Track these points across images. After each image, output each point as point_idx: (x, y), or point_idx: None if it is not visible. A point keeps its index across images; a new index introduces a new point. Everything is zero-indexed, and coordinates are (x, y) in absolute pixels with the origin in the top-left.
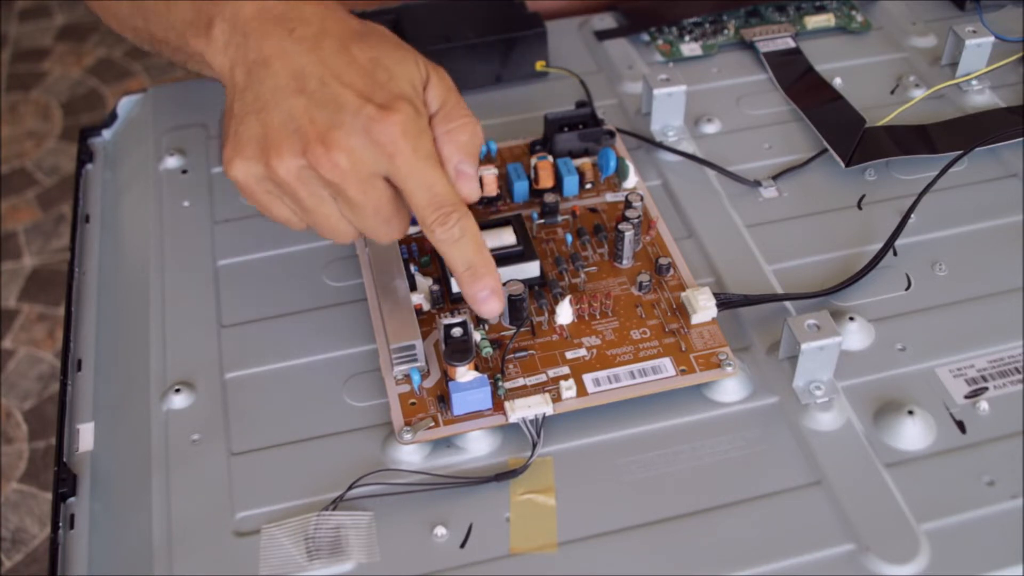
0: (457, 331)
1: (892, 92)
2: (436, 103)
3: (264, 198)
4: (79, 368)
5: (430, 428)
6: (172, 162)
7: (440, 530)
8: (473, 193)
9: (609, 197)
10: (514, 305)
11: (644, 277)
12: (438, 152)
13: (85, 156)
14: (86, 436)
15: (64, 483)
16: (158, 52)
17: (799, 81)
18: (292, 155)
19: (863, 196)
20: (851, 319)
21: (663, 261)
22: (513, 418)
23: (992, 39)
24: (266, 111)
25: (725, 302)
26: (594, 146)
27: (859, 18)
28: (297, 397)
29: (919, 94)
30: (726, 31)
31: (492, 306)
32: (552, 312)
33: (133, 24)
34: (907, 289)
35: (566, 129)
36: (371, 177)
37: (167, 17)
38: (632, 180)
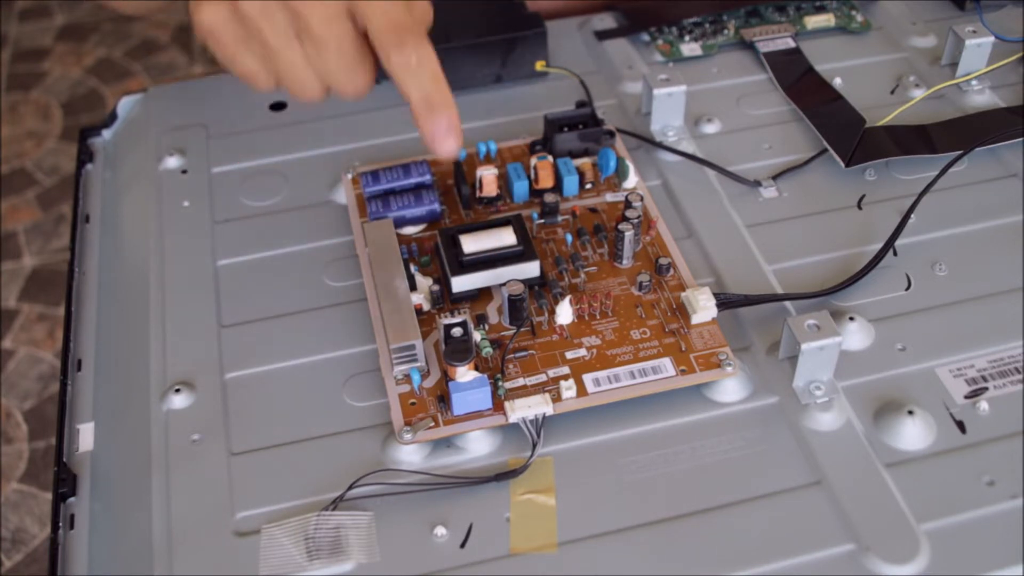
0: (457, 331)
1: (892, 92)
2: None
3: (231, 45)
4: (79, 368)
5: (430, 428)
6: (172, 162)
7: (440, 530)
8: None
9: (609, 197)
10: (514, 305)
11: (644, 277)
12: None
13: (85, 156)
14: (86, 436)
15: (64, 483)
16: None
17: (799, 81)
18: None
19: (863, 196)
20: (851, 319)
21: (663, 261)
22: (513, 418)
23: (992, 39)
24: None
25: (725, 302)
26: (594, 146)
27: (859, 18)
28: (297, 397)
29: (919, 94)
30: (726, 31)
31: (450, 144)
32: (552, 312)
33: None
34: (907, 289)
35: (566, 129)
36: (335, 9)
37: None
38: (632, 180)
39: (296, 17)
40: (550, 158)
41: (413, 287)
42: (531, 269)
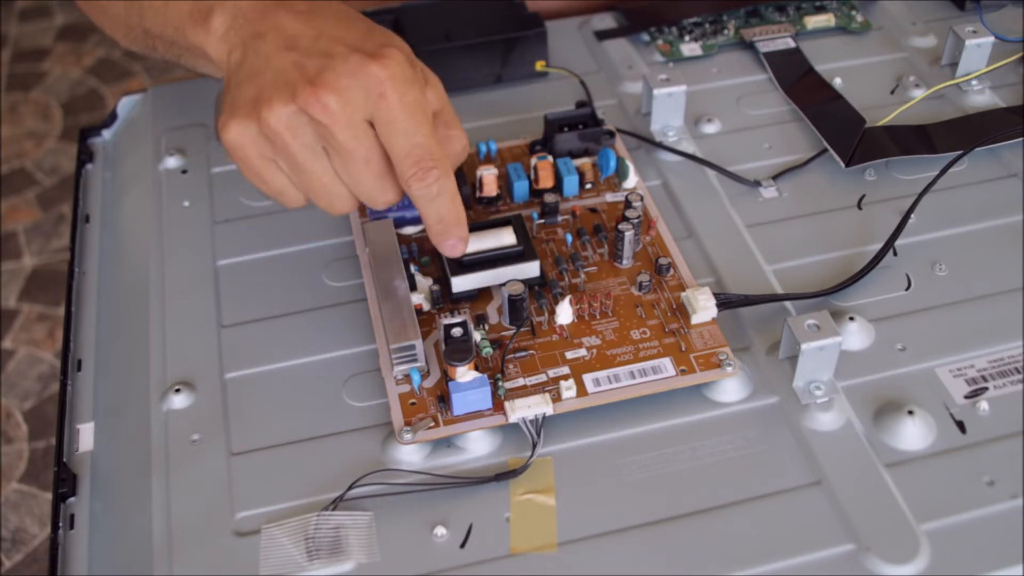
0: (457, 331)
1: (892, 92)
2: (436, 104)
3: (259, 163)
4: (79, 368)
5: (430, 428)
6: (172, 162)
7: (440, 530)
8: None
9: (609, 197)
10: (514, 305)
11: (644, 277)
12: None
13: (85, 156)
14: (86, 436)
15: (64, 483)
16: (151, 49)
17: (799, 81)
18: (283, 103)
19: (863, 196)
20: (851, 319)
21: (663, 261)
22: (513, 418)
23: (992, 39)
24: (259, 74)
25: (725, 302)
26: (594, 146)
27: (859, 18)
28: (297, 397)
29: (919, 94)
30: (726, 31)
31: (457, 250)
32: (552, 312)
33: (127, 22)
34: (907, 289)
35: (566, 129)
36: (362, 122)
37: (163, 12)
38: (632, 180)
39: (322, 131)
40: (550, 158)
41: (413, 287)
42: (531, 269)
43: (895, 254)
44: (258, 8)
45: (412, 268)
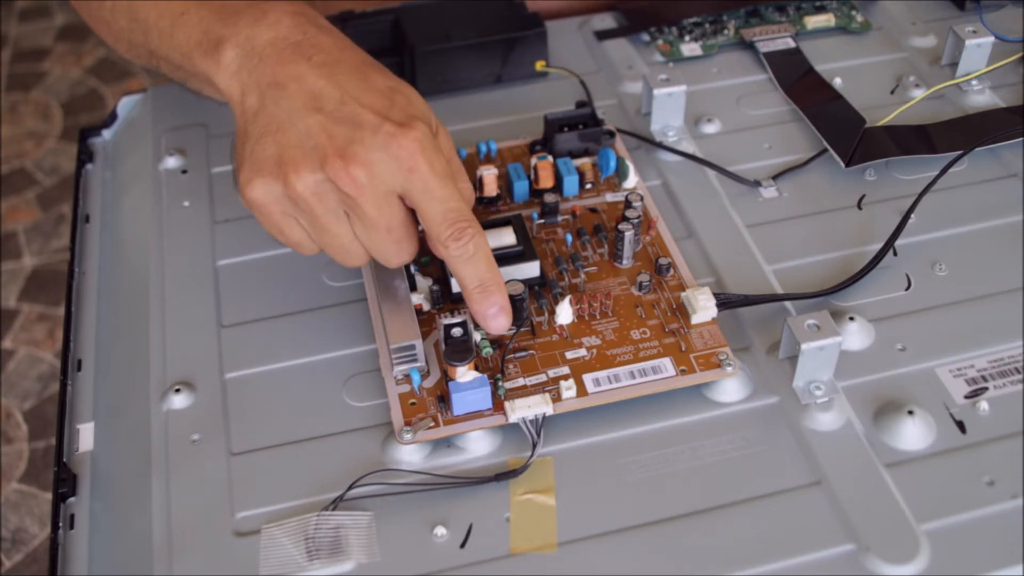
0: (457, 331)
1: (892, 92)
2: (446, 153)
3: (280, 219)
4: (79, 368)
5: (430, 428)
6: (172, 162)
7: (440, 530)
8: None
9: (609, 197)
10: (514, 305)
11: (644, 277)
12: None
13: (85, 156)
14: (86, 436)
15: (64, 483)
16: (154, 66)
17: (799, 81)
18: (310, 170)
19: (863, 196)
20: (851, 319)
21: (663, 261)
22: (513, 418)
23: (992, 39)
24: (282, 131)
25: (725, 302)
26: (594, 146)
27: (859, 18)
28: (297, 397)
29: (919, 94)
30: (726, 31)
31: (501, 322)
32: (552, 312)
33: (130, 38)
34: (907, 289)
35: (566, 129)
36: (388, 194)
37: (170, 35)
38: (632, 180)
39: (349, 201)
40: (550, 158)
41: (413, 287)
42: (531, 269)
43: (895, 254)
44: (274, 50)
45: (412, 268)
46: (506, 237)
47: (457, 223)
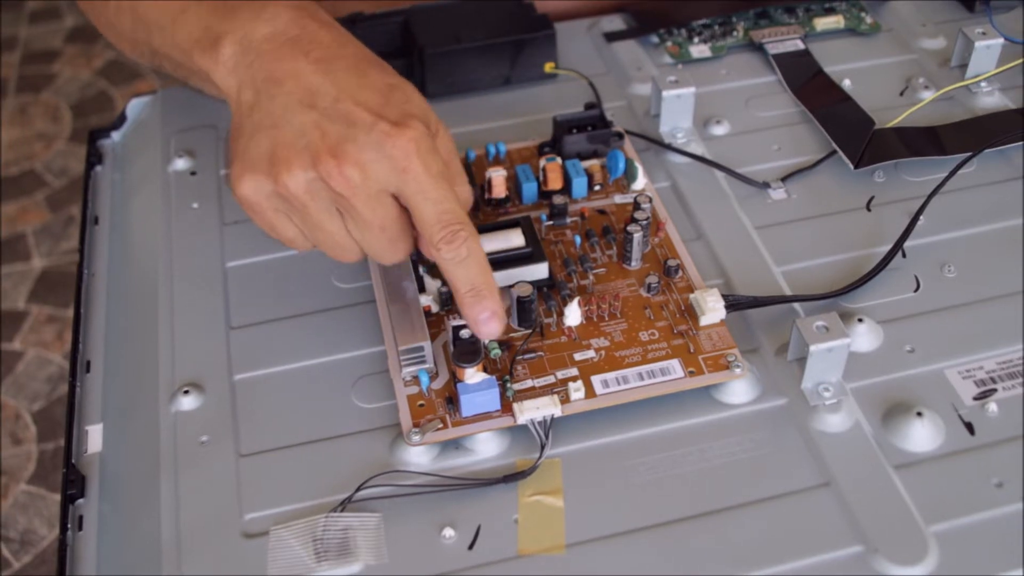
0: (466, 333)
1: (901, 94)
2: (445, 156)
3: (271, 216)
4: (88, 370)
5: (438, 429)
6: (181, 164)
7: (448, 532)
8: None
9: (618, 199)
10: (523, 307)
11: (653, 279)
12: None
13: (94, 158)
14: (95, 437)
15: (73, 484)
16: (157, 66)
17: (808, 83)
18: (302, 168)
19: (872, 198)
20: (860, 321)
21: (672, 263)
22: (521, 420)
23: (1002, 41)
24: (276, 127)
25: (734, 304)
26: (603, 148)
27: (868, 20)
28: (306, 399)
29: (928, 96)
30: (735, 33)
31: (492, 327)
32: (561, 314)
33: (133, 37)
34: (916, 291)
35: (575, 131)
36: (381, 193)
37: (172, 33)
38: (641, 182)
39: (341, 200)
40: (559, 160)
41: (422, 289)
42: (540, 271)
43: (904, 256)
44: (272, 46)
45: (421, 270)
46: (515, 239)
47: (450, 225)
